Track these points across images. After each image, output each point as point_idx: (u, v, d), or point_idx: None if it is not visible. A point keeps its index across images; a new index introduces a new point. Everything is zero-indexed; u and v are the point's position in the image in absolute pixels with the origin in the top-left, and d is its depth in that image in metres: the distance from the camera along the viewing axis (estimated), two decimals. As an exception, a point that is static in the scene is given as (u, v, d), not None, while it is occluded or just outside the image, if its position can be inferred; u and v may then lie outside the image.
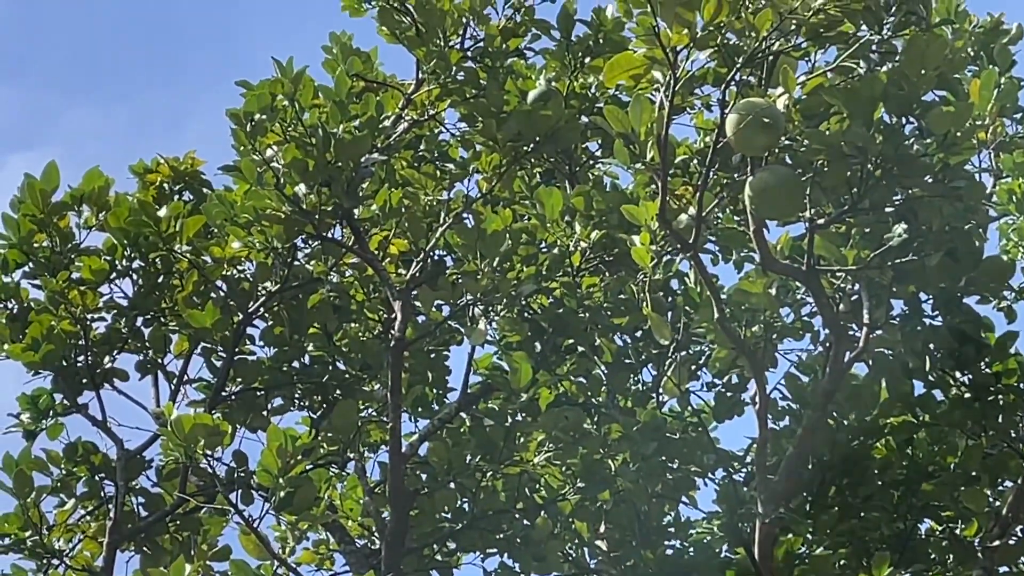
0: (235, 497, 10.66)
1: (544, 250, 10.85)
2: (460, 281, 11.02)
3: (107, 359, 10.94)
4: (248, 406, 11.44)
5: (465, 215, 11.04)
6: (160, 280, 10.76)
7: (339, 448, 11.48)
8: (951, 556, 11.16)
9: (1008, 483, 10.55)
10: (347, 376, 11.50)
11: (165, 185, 11.27)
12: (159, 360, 11.09)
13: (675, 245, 9.96)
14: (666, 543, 11.42)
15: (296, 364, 11.54)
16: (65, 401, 10.93)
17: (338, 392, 11.46)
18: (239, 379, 11.37)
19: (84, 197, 10.78)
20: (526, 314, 11.00)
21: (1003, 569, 10.86)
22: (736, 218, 9.73)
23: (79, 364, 10.80)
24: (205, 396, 11.13)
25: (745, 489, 11.12)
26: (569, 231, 10.76)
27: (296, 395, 11.68)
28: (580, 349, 11.25)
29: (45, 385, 10.96)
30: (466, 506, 11.56)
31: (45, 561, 10.78)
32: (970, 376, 10.62)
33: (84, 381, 10.86)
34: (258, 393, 11.56)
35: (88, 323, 10.73)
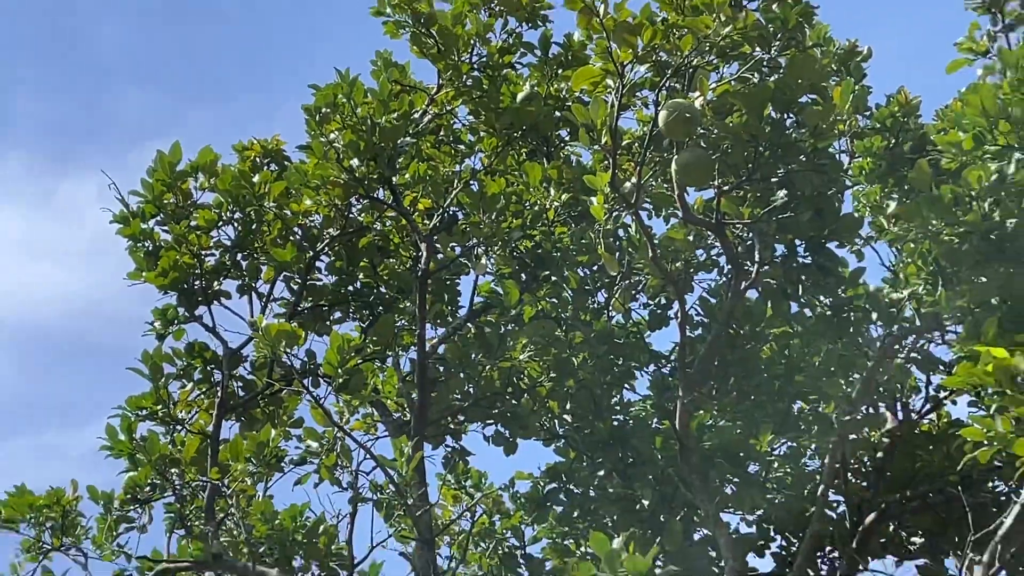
0: (307, 382, 10.76)
1: (528, 207, 10.95)
2: (468, 229, 11.12)
3: (215, 283, 11.04)
4: (316, 317, 11.64)
5: (472, 182, 11.13)
6: (253, 227, 10.84)
7: (381, 348, 11.64)
8: (815, 427, 11.24)
9: (856, 375, 10.64)
10: (387, 297, 11.66)
11: (257, 159, 11.40)
12: (252, 284, 11.18)
13: (621, 204, 10.02)
14: (613, 417, 11.45)
15: (350, 288, 11.66)
16: (185, 313, 11.02)
17: (380, 308, 11.60)
18: (310, 298, 11.53)
19: (199, 167, 10.89)
20: (515, 253, 11.09)
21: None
22: (665, 185, 9.81)
23: (195, 287, 10.92)
24: (285, 310, 11.22)
25: (670, 379, 11.21)
26: (546, 194, 10.87)
27: (351, 310, 11.84)
28: (553, 278, 11.35)
29: (171, 302, 10.99)
30: (471, 390, 11.68)
31: (171, 427, 10.84)
32: (830, 299, 10.75)
33: (199, 299, 10.97)
34: (323, 308, 11.74)
35: (202, 257, 10.84)
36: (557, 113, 10.98)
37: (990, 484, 9.66)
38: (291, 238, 11.15)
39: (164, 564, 10.43)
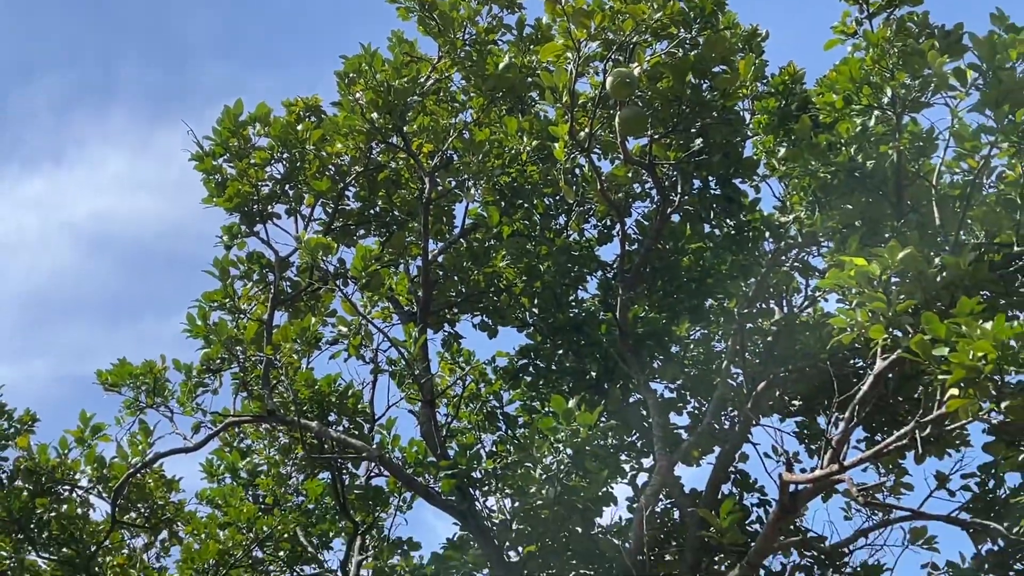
0: (339, 283, 10.94)
1: (506, 151, 11.05)
2: (461, 168, 11.24)
3: (269, 207, 11.08)
4: (345, 233, 11.73)
5: (464, 132, 11.23)
6: (297, 164, 10.87)
7: (395, 257, 11.79)
8: (722, 318, 11.45)
9: (752, 280, 10.80)
10: (399, 218, 11.75)
11: (301, 113, 11.42)
12: (297, 208, 11.24)
13: (577, 149, 10.14)
14: (570, 310, 11.64)
15: (371, 211, 11.75)
16: (246, 229, 11.11)
17: (394, 227, 11.71)
18: (340, 219, 11.62)
19: (256, 118, 10.98)
20: (496, 186, 11.21)
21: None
22: (610, 134, 9.90)
23: (253, 209, 10.99)
24: (322, 228, 11.28)
25: (613, 282, 11.35)
26: (520, 141, 10.94)
27: (371, 228, 11.90)
28: (525, 206, 11.49)
29: (235, 221, 11.11)
30: (462, 289, 11.85)
31: (236, 315, 10.97)
32: (734, 222, 10.92)
33: (256, 219, 11.03)
34: (350, 226, 11.83)
35: (258, 187, 10.88)
36: (529, 79, 11.01)
37: (851, 361, 9.81)
38: (326, 173, 11.23)
39: (231, 418, 10.71)
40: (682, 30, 9.42)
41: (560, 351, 11.67)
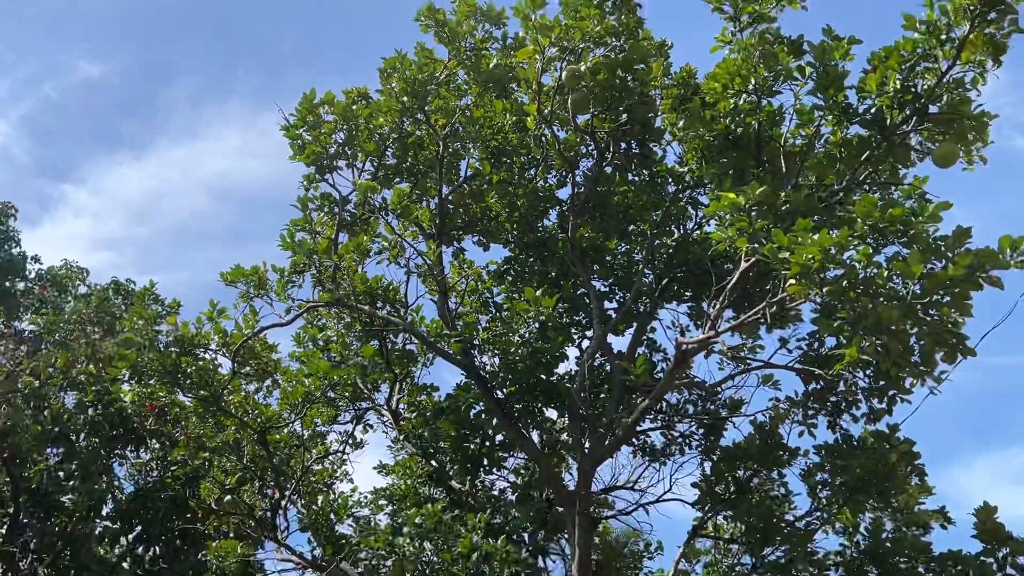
0: (382, 213, 11.14)
1: (495, 124, 11.07)
2: (464, 135, 11.27)
3: (334, 162, 11.00)
4: (385, 180, 11.63)
5: (467, 111, 11.17)
6: (353, 133, 10.87)
7: (420, 195, 11.80)
8: (640, 238, 11.53)
9: (659, 211, 10.81)
10: (423, 170, 11.65)
11: (355, 97, 11.21)
12: (353, 163, 11.19)
13: (542, 123, 10.16)
14: (538, 232, 11.71)
15: (404, 164, 11.70)
16: (318, 177, 11.06)
17: (420, 176, 11.66)
18: (382, 170, 11.55)
19: (325, 101, 10.88)
20: (488, 148, 11.21)
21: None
22: (565, 112, 9.90)
23: (324, 163, 10.91)
24: (371, 176, 11.29)
25: (567, 213, 11.36)
26: (505, 117, 10.95)
27: (404, 176, 11.76)
28: (508, 161, 11.46)
29: (312, 171, 11.06)
30: (466, 217, 11.91)
31: (313, 235, 10.71)
32: (648, 172, 10.94)
33: (326, 170, 10.97)
34: (389, 175, 11.72)
35: (327, 148, 10.87)
36: (510, 74, 10.94)
37: (725, 264, 9.88)
38: (373, 139, 11.14)
39: (311, 304, 10.77)
40: (613, 40, 9.38)
41: (531, 260, 11.73)
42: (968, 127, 8.24)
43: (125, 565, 15.51)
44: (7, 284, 17.96)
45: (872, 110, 8.49)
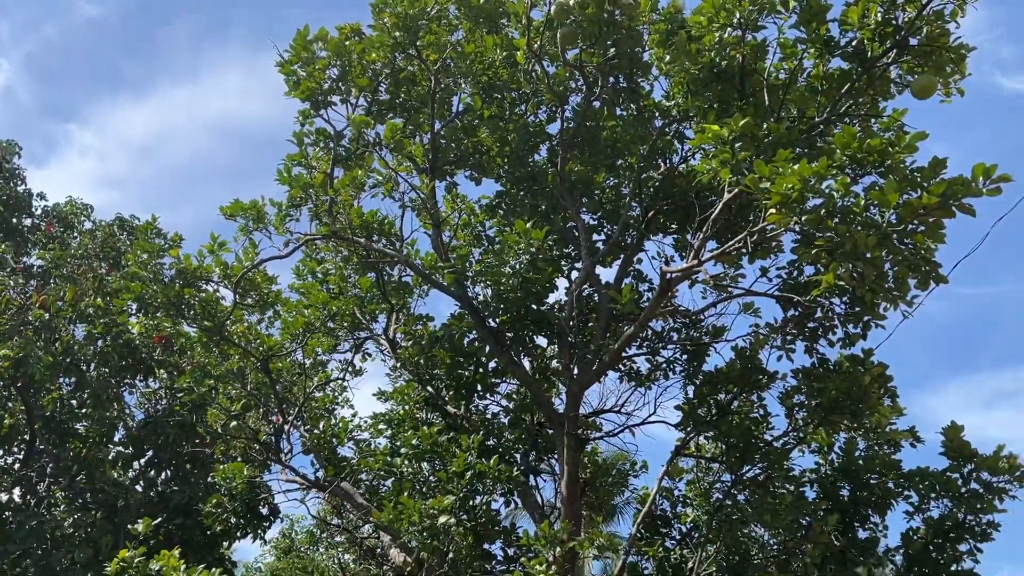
0: (377, 148, 11.04)
1: (486, 60, 10.89)
2: (455, 70, 11.09)
3: (328, 98, 10.82)
4: (379, 115, 11.40)
5: (457, 47, 10.92)
6: (347, 68, 10.66)
7: (413, 130, 11.57)
8: (627, 172, 11.34)
9: (646, 145, 10.68)
10: (415, 105, 11.35)
11: (348, 33, 10.96)
12: (347, 98, 10.95)
13: (533, 57, 10.00)
14: (529, 167, 11.54)
15: (397, 100, 11.45)
16: (313, 112, 10.89)
17: (412, 111, 11.41)
18: (375, 105, 11.32)
19: (319, 37, 10.61)
20: (479, 83, 11.05)
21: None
22: (555, 47, 9.72)
23: (318, 99, 10.73)
24: (364, 111, 11.12)
25: (556, 147, 11.22)
26: (495, 52, 10.77)
27: (397, 111, 11.51)
28: (499, 96, 11.28)
29: (307, 107, 10.84)
30: (458, 152, 11.81)
31: (309, 169, 10.70)
32: (635, 106, 10.74)
33: (320, 105, 10.82)
34: (383, 111, 11.45)
35: (320, 85, 10.67)
36: (500, 9, 10.73)
37: (709, 196, 9.81)
38: (366, 74, 10.93)
39: (308, 237, 10.69)
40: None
41: (522, 193, 11.60)
42: (946, 59, 8.16)
43: (138, 487, 15.80)
44: (14, 221, 17.88)
45: (853, 43, 8.41)
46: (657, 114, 10.66)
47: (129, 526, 13.89)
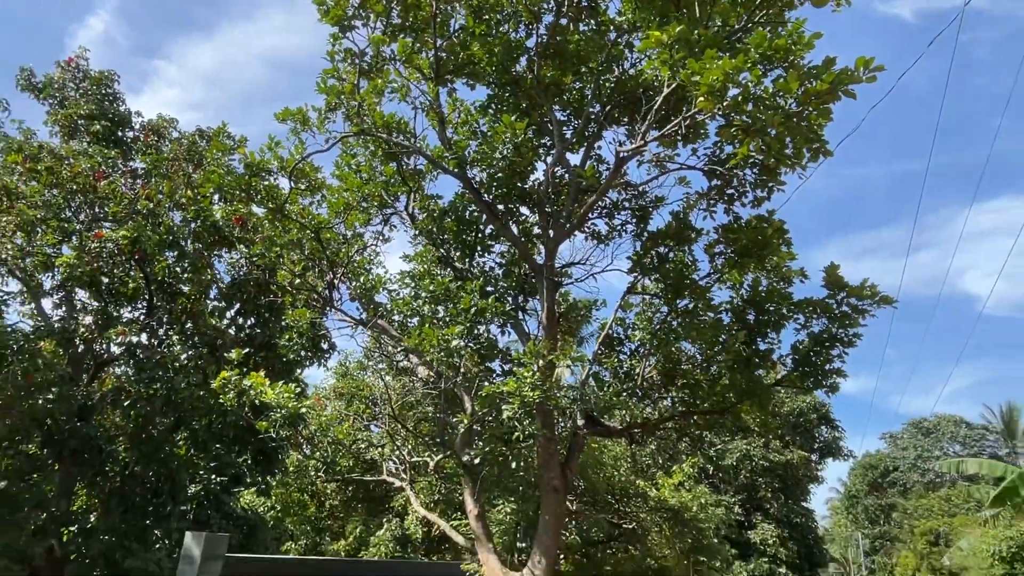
0: (393, 61, 10.46)
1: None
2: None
3: (352, 21, 10.17)
4: (393, 35, 10.68)
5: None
6: None
7: (420, 47, 10.95)
8: (588, 78, 10.86)
9: (604, 54, 10.11)
10: (421, 26, 10.63)
11: None
12: (367, 22, 10.23)
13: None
14: (512, 74, 10.99)
15: (407, 23, 10.71)
16: (341, 34, 10.23)
17: (418, 31, 10.76)
18: (390, 27, 10.55)
19: None
20: (471, 4, 10.38)
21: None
22: None
23: (346, 24, 10.10)
24: (381, 32, 10.47)
25: (534, 58, 10.66)
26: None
27: (407, 31, 10.73)
28: (487, 16, 10.66)
29: (337, 31, 10.07)
30: (457, 63, 11.20)
31: (340, 81, 10.05)
32: (595, 21, 10.15)
33: (346, 29, 10.18)
34: (396, 32, 10.73)
35: (346, 10, 10.00)
36: None
37: (652, 93, 9.37)
38: (381, 1, 10.21)
39: (342, 135, 10.26)
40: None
41: (507, 95, 11.03)
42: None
43: (231, 330, 15.99)
44: (119, 133, 17.37)
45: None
46: (611, 28, 10.09)
47: (226, 354, 14.18)
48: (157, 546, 13.88)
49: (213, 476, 14.62)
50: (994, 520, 24.79)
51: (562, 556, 11.01)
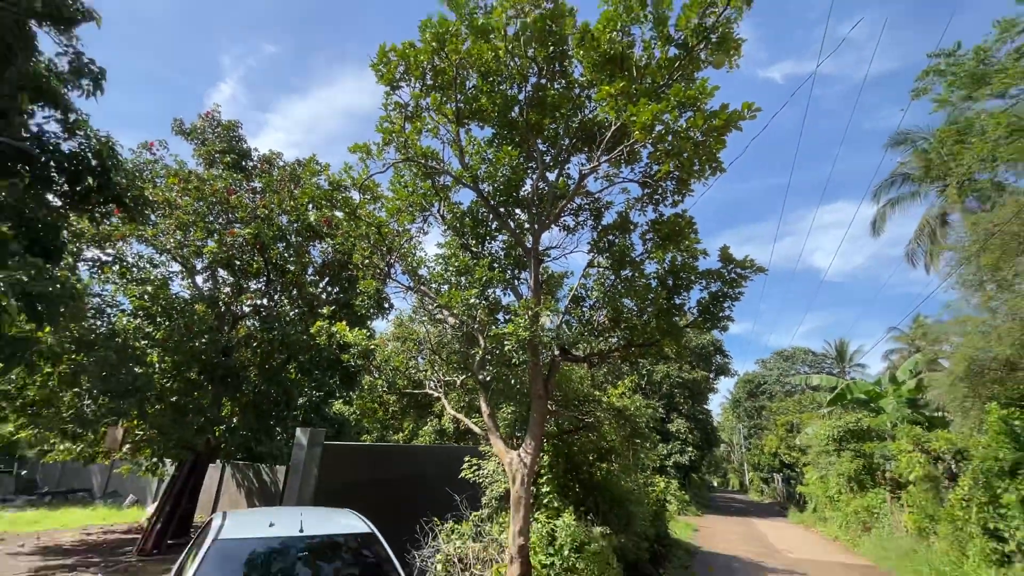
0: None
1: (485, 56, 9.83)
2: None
3: None
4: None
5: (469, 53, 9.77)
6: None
7: None
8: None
9: (569, 107, 9.81)
10: None
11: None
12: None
13: (508, 54, 8.98)
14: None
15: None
16: (391, 91, 9.82)
17: None
18: None
19: (388, 49, 9.45)
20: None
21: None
22: (521, 48, 8.65)
23: (393, 83, 9.75)
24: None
25: None
26: (489, 54, 9.70)
27: None
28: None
29: (387, 89, 9.55)
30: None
31: (390, 123, 9.90)
32: (566, 81, 9.80)
33: (395, 88, 9.82)
34: None
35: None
36: (490, 27, 9.48)
37: (603, 130, 9.02)
38: (419, 69, 9.82)
39: (393, 161, 9.83)
40: None
41: (506, 133, 10.48)
42: (731, 45, 7.41)
43: (323, 295, 15.93)
44: (243, 163, 17.07)
45: (681, 38, 7.61)
46: (576, 85, 9.79)
47: (320, 311, 14.15)
48: (279, 438, 14.05)
49: (314, 392, 14.74)
50: (829, 415, 25.21)
51: (545, 440, 11.18)
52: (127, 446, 12.90)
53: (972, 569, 10.72)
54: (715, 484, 60.52)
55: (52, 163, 6.99)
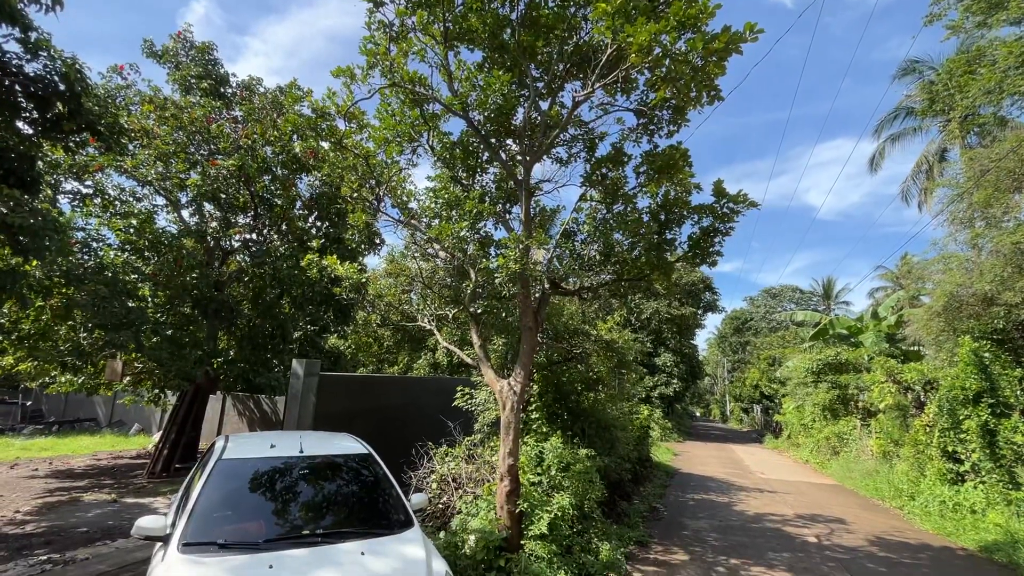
0: None
1: None
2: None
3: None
4: None
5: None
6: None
7: None
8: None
9: (564, 25, 9.25)
10: None
11: None
12: None
13: None
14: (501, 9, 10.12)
15: None
16: (375, 8, 9.25)
17: None
18: None
19: None
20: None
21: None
22: None
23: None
24: None
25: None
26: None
27: None
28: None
29: (370, 6, 8.99)
30: None
31: (374, 45, 9.37)
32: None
33: (378, 5, 9.20)
34: None
35: None
36: None
37: (599, 54, 8.58)
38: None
39: (379, 87, 9.50)
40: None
41: (497, 56, 9.97)
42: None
43: (312, 230, 15.77)
44: (221, 90, 16.23)
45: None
46: (572, 3, 9.20)
47: (310, 244, 14.12)
48: (276, 370, 14.50)
49: (308, 326, 15.04)
50: (810, 349, 26.16)
51: (535, 371, 11.65)
52: (127, 378, 13.29)
53: (928, 487, 11.45)
54: (698, 414, 63.59)
55: (18, 87, 6.61)
